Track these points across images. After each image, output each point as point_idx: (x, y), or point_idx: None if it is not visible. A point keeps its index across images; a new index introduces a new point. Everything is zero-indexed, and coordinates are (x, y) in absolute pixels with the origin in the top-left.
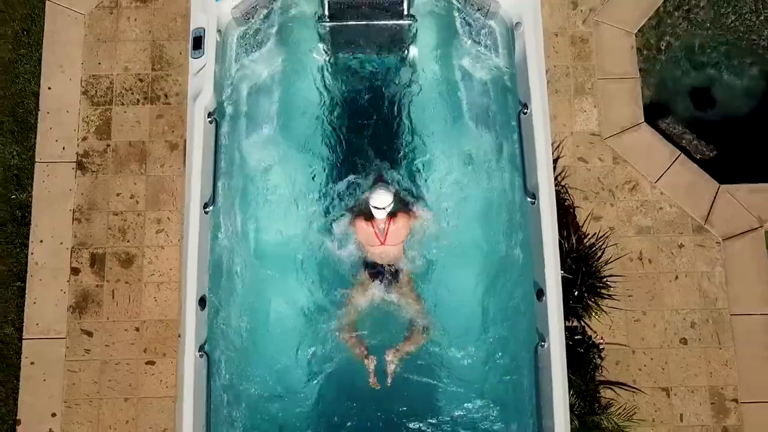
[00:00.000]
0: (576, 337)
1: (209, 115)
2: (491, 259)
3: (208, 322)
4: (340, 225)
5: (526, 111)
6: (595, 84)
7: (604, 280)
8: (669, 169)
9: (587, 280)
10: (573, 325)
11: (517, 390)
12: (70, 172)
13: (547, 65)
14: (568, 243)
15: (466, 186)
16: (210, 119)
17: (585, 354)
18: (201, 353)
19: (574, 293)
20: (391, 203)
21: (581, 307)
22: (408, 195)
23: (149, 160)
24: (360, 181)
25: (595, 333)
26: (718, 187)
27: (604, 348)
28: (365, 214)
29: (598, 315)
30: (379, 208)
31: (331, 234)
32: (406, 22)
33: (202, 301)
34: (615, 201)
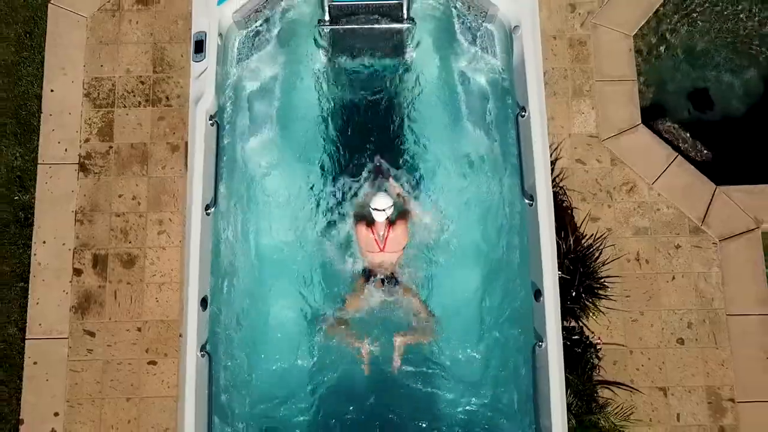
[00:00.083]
0: (573, 337)
1: (211, 117)
2: (489, 260)
3: (210, 322)
4: (340, 228)
5: (524, 114)
6: (593, 86)
7: (602, 280)
8: (666, 170)
9: (585, 280)
10: (571, 325)
11: (515, 389)
12: (72, 174)
13: (545, 67)
14: (566, 244)
15: (464, 188)
16: (211, 122)
17: (582, 354)
18: (203, 353)
19: (572, 294)
20: (391, 206)
21: (579, 307)
22: (407, 196)
23: (151, 161)
24: (360, 184)
25: (593, 333)
26: (714, 189)
27: (602, 348)
28: (366, 219)
29: (595, 315)
30: (379, 210)
31: (331, 237)
32: (405, 26)
33: (204, 302)
34: (612, 202)
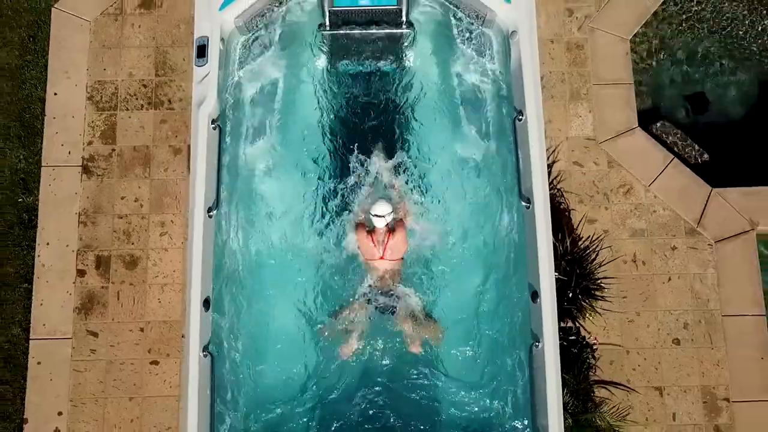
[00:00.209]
0: (570, 337)
1: (213, 121)
2: (487, 262)
3: (212, 323)
4: (341, 231)
5: (521, 117)
6: (590, 89)
7: (598, 282)
8: (662, 172)
9: (581, 282)
10: (567, 326)
11: (512, 389)
12: (75, 176)
13: (542, 71)
14: (563, 246)
15: (462, 190)
16: (214, 125)
17: (579, 354)
18: (205, 353)
19: (569, 295)
20: (391, 213)
21: (575, 308)
22: (406, 199)
23: (153, 164)
24: (361, 188)
25: (589, 334)
26: (710, 191)
27: (598, 348)
28: (366, 226)
29: (592, 316)
30: (379, 216)
31: (332, 240)
32: (404, 31)
33: (207, 303)
34: (609, 204)
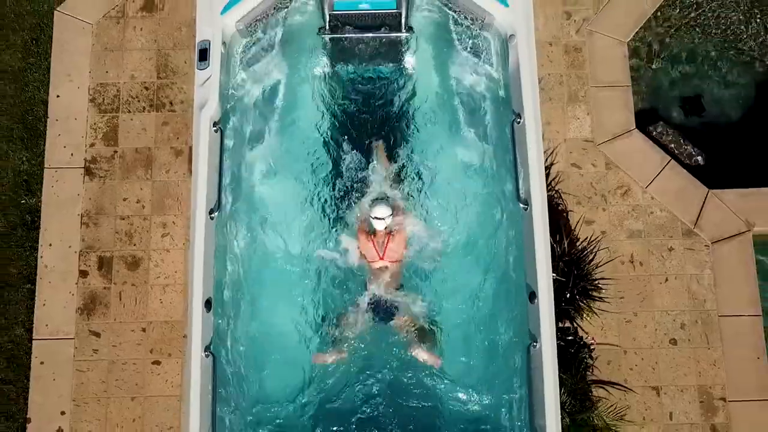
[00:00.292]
0: (568, 337)
1: (214, 124)
2: (485, 263)
3: (214, 323)
4: (341, 233)
5: (519, 120)
6: (588, 92)
7: (596, 282)
8: (660, 174)
9: (579, 282)
10: (565, 326)
11: (510, 389)
12: (78, 178)
13: (541, 74)
14: (561, 247)
15: (461, 192)
16: (215, 128)
17: (576, 354)
18: (207, 353)
19: (566, 295)
20: (391, 215)
21: (573, 309)
22: (405, 201)
23: (155, 165)
24: (361, 190)
25: (587, 334)
26: (707, 192)
27: (595, 348)
28: (367, 228)
29: (589, 317)
30: (379, 218)
31: (332, 241)
32: (404, 35)
33: (208, 303)
34: (607, 205)
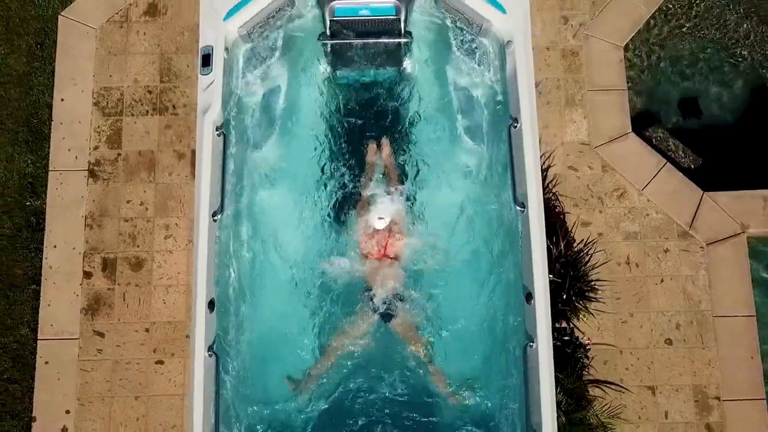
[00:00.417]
0: (564, 338)
1: (217, 128)
2: (482, 264)
3: (217, 323)
4: (342, 234)
5: (516, 125)
6: (585, 95)
7: (592, 283)
8: (655, 176)
9: (575, 283)
10: (562, 326)
11: (507, 388)
12: (82, 180)
13: (538, 78)
14: (557, 248)
15: (459, 194)
16: (218, 132)
17: (572, 354)
18: (210, 353)
19: (563, 296)
20: (391, 214)
21: (569, 309)
22: (405, 202)
23: (158, 168)
24: (361, 191)
25: (583, 334)
26: (702, 194)
27: (591, 348)
28: (367, 227)
29: (585, 317)
30: (379, 219)
31: (333, 242)
32: (403, 40)
33: (211, 304)
34: (603, 207)
